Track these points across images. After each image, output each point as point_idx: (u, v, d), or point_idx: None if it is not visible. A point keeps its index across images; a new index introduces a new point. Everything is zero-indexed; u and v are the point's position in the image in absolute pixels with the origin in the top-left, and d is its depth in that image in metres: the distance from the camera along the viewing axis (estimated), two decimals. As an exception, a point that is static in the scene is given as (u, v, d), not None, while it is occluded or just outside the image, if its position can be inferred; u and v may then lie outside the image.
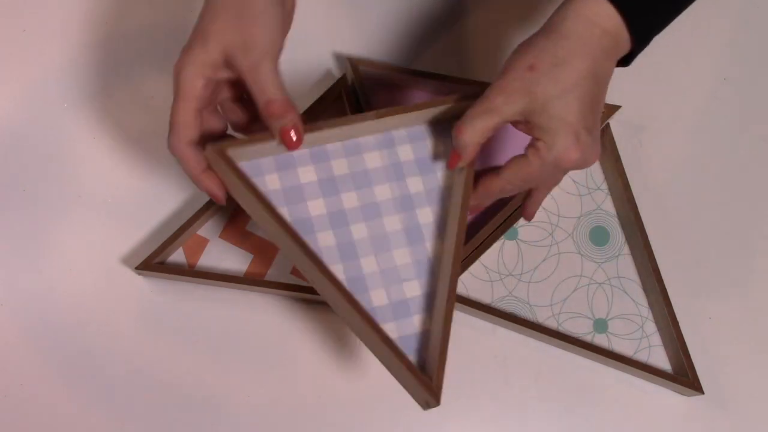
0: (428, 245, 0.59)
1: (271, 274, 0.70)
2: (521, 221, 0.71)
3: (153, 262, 0.68)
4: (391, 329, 0.57)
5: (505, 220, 0.70)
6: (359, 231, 0.58)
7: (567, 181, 0.72)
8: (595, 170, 0.73)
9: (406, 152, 0.60)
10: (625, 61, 0.56)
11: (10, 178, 0.72)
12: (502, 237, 0.71)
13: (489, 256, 0.71)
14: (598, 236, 0.72)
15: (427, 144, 0.60)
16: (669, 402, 0.70)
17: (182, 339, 0.69)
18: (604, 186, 0.73)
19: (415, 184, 0.59)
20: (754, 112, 0.76)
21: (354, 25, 0.76)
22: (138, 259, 0.68)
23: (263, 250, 0.70)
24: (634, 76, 0.75)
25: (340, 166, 0.59)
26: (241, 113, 0.58)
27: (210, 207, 0.69)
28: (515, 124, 0.54)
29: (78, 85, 0.74)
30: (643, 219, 0.70)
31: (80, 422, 0.67)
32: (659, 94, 0.75)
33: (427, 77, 0.72)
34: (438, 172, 0.60)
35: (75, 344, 0.69)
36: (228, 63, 0.53)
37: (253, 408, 0.68)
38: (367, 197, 0.59)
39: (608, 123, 0.72)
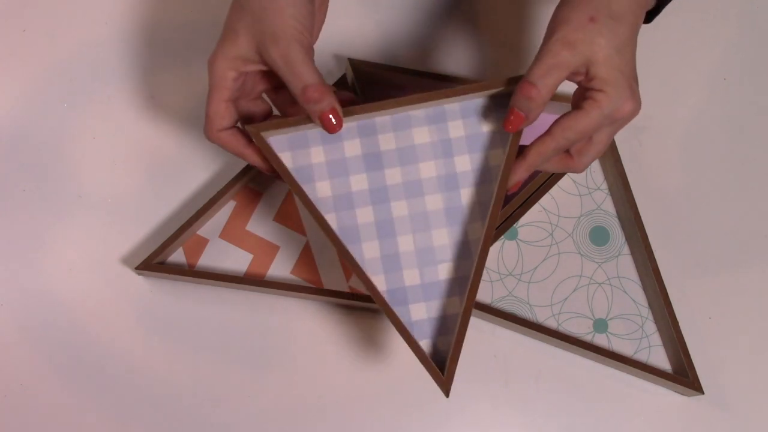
0: (468, 227, 0.59)
1: (271, 274, 0.70)
2: (521, 221, 0.71)
3: (153, 262, 0.68)
4: (419, 309, 0.58)
5: (505, 220, 0.70)
6: (399, 208, 0.59)
7: (567, 180, 0.72)
8: (595, 170, 0.73)
9: (456, 128, 0.59)
10: (648, 17, 0.58)
11: (10, 178, 0.72)
12: (502, 237, 0.71)
13: (489, 257, 0.71)
14: (598, 236, 0.72)
15: (479, 120, 0.59)
16: (669, 402, 0.70)
17: (182, 339, 0.69)
18: (604, 186, 0.73)
19: (462, 163, 0.59)
20: (754, 112, 0.76)
21: (354, 25, 0.76)
22: (138, 259, 0.68)
23: (263, 250, 0.70)
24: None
25: (387, 141, 0.59)
26: (283, 98, 0.61)
27: (210, 207, 0.69)
28: (573, 75, 0.55)
29: (78, 85, 0.74)
30: (643, 219, 0.70)
31: (80, 422, 0.67)
32: (659, 94, 0.75)
33: (426, 77, 0.72)
34: (488, 151, 0.59)
35: (75, 344, 0.69)
36: (260, 56, 0.54)
37: (253, 408, 0.68)
38: (411, 174, 0.59)
39: (608, 123, 0.72)
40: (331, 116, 0.54)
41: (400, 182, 0.59)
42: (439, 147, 0.59)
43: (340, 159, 0.58)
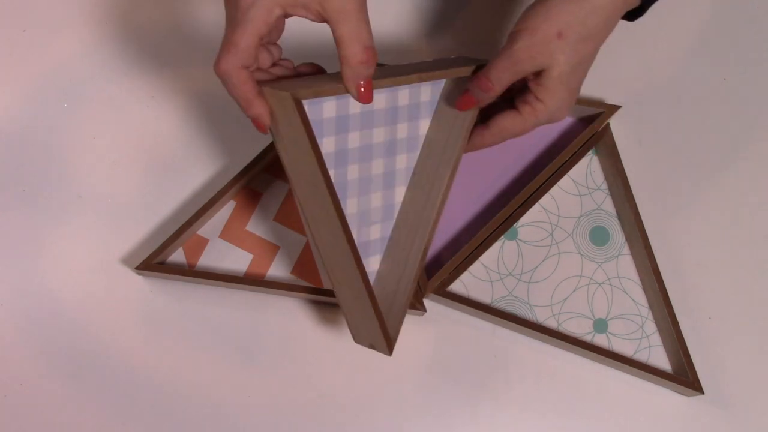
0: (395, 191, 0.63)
1: (271, 274, 0.70)
2: (521, 221, 0.71)
3: (153, 262, 0.68)
4: (375, 261, 0.62)
5: (505, 220, 0.70)
6: (377, 166, 0.61)
7: (567, 180, 0.72)
8: (595, 170, 0.73)
9: (425, 93, 0.62)
10: (631, 16, 0.59)
11: (10, 178, 0.72)
12: (502, 237, 0.71)
13: (489, 256, 0.71)
14: (598, 236, 0.72)
15: (439, 90, 0.62)
16: (669, 402, 0.70)
17: (182, 339, 0.69)
18: (604, 186, 0.73)
19: (424, 126, 0.63)
20: (754, 112, 0.76)
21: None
22: (138, 259, 0.68)
23: (263, 250, 0.70)
24: (634, 76, 0.75)
25: (379, 101, 0.60)
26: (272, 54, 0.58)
27: (210, 207, 0.69)
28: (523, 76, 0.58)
29: (78, 85, 0.74)
30: (643, 219, 0.70)
31: (80, 422, 0.67)
32: (659, 93, 0.75)
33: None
34: (428, 121, 0.63)
35: (75, 344, 0.69)
36: (320, 3, 0.52)
37: (253, 408, 0.68)
38: (391, 134, 0.61)
39: (608, 123, 0.72)
40: (370, 86, 0.54)
41: (382, 141, 0.61)
42: (413, 109, 0.62)
43: (345, 115, 0.59)
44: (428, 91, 0.62)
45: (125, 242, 0.71)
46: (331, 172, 0.58)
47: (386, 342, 0.58)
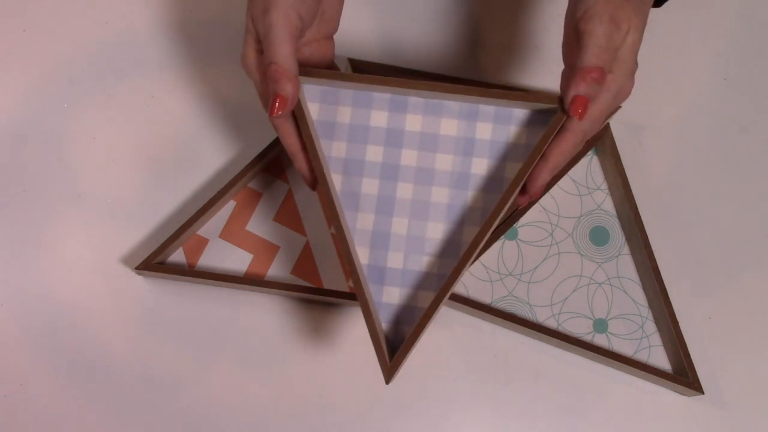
0: (465, 229, 0.58)
1: (271, 274, 0.70)
2: (521, 221, 0.71)
3: (153, 262, 0.68)
4: (392, 293, 0.58)
5: (505, 220, 0.70)
6: (404, 190, 0.59)
7: (567, 181, 0.72)
8: (595, 170, 0.73)
9: (484, 131, 0.59)
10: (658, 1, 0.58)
11: (10, 178, 0.72)
12: (502, 237, 0.71)
13: (489, 256, 0.71)
14: (598, 236, 0.72)
15: (510, 129, 0.58)
16: (669, 402, 0.70)
17: (182, 339, 0.69)
18: (604, 186, 0.73)
19: (479, 166, 0.58)
20: (754, 112, 0.76)
21: (354, 25, 0.76)
22: (138, 259, 0.68)
23: (263, 250, 0.70)
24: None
25: (413, 122, 0.59)
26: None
27: (210, 207, 0.69)
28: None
29: (78, 85, 0.74)
30: (643, 219, 0.70)
31: (80, 422, 0.67)
32: (659, 94, 0.75)
33: (427, 78, 0.72)
34: (507, 162, 0.58)
35: (75, 344, 0.69)
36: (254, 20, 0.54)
37: (252, 407, 0.68)
38: (427, 161, 0.59)
39: (608, 123, 0.72)
40: (277, 102, 0.53)
41: (413, 165, 0.59)
42: (461, 143, 0.59)
43: (364, 126, 0.59)
44: (488, 129, 0.58)
45: (125, 242, 0.71)
46: (338, 177, 0.58)
47: (385, 372, 0.55)
